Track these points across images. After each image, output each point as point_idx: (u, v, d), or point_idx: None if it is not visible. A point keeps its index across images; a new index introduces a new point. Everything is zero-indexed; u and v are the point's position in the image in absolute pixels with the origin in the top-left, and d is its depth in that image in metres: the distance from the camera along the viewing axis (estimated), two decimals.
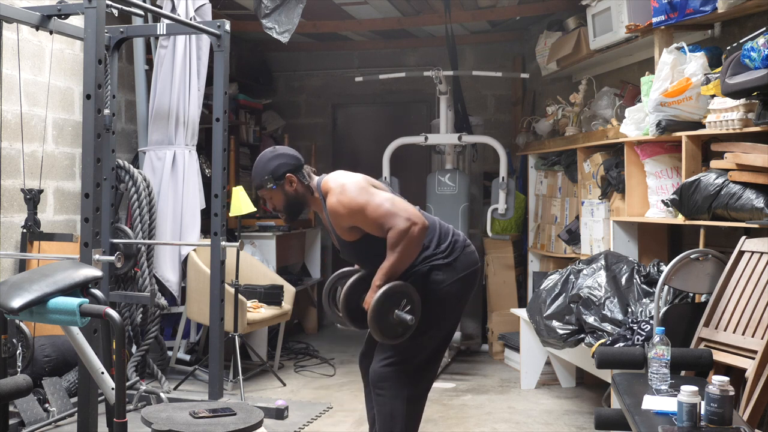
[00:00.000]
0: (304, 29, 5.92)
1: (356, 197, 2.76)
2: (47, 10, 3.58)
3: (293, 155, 2.90)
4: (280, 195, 2.89)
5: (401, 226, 2.70)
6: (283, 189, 2.87)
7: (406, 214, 2.73)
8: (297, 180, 2.87)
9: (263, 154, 2.92)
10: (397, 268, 2.75)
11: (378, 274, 2.76)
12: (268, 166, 2.86)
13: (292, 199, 2.89)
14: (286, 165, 2.86)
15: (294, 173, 2.87)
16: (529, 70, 6.35)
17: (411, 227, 2.71)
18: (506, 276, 5.85)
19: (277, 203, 2.91)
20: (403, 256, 2.74)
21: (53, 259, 3.49)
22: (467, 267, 2.93)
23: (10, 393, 2.52)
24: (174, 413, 2.82)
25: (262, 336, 5.30)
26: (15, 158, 4.21)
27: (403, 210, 2.74)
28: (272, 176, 2.85)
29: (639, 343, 3.21)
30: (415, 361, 2.87)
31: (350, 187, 2.79)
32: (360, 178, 2.85)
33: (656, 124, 3.50)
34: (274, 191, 2.88)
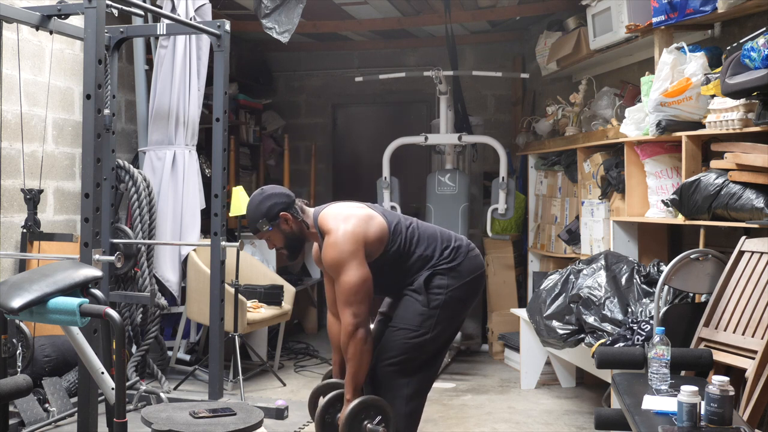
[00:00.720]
0: (304, 29, 5.92)
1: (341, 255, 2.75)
2: (47, 10, 3.58)
3: (283, 193, 2.90)
4: (278, 235, 2.89)
5: (347, 324, 2.73)
6: (280, 228, 2.87)
7: (358, 309, 2.73)
8: (291, 217, 2.87)
9: (253, 198, 2.91)
10: (358, 375, 2.78)
11: (345, 387, 2.80)
12: (260, 208, 2.85)
13: (291, 237, 2.90)
14: (279, 204, 2.85)
15: (287, 210, 2.86)
16: (529, 70, 6.35)
17: (355, 331, 2.73)
18: (506, 276, 5.85)
19: (277, 243, 2.91)
20: (357, 361, 2.76)
21: (53, 259, 3.49)
22: (472, 271, 2.95)
23: (10, 393, 2.52)
24: (174, 413, 2.82)
25: (262, 336, 5.29)
26: (15, 158, 4.21)
27: (359, 304, 2.74)
28: (266, 218, 2.84)
29: (639, 343, 3.21)
30: (416, 362, 2.88)
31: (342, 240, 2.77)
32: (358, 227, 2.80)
33: (656, 124, 3.50)
34: (271, 233, 2.88)
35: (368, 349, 2.78)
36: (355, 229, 2.78)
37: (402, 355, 2.85)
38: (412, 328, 2.86)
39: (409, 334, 2.85)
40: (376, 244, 2.83)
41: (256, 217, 2.86)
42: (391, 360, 2.85)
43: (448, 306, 2.89)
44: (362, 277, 2.74)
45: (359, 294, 2.74)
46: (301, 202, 2.93)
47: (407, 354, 2.85)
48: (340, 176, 7.32)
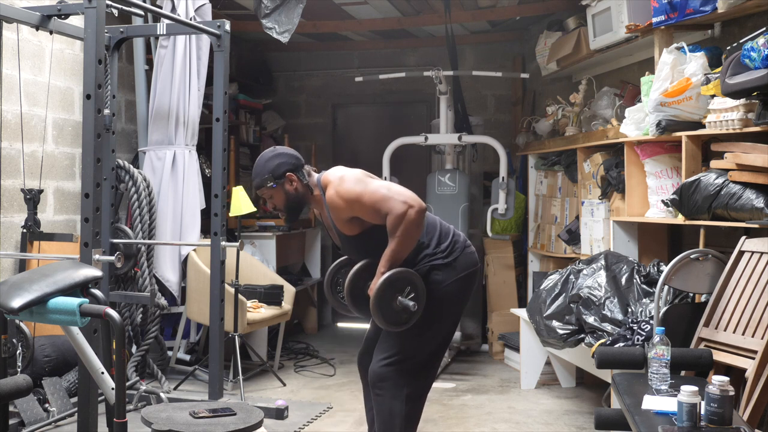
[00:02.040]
0: (304, 29, 5.92)
1: (353, 187, 2.79)
2: (47, 10, 3.58)
3: (293, 154, 2.92)
4: (280, 194, 2.89)
5: (398, 210, 2.72)
6: (284, 188, 2.88)
7: (402, 197, 2.75)
8: (297, 179, 2.88)
9: (263, 154, 2.93)
10: (400, 253, 2.76)
11: (381, 261, 2.77)
12: (268, 165, 2.87)
13: (293, 198, 2.90)
14: (286, 164, 2.87)
15: (294, 172, 2.88)
16: (529, 70, 6.35)
17: (408, 210, 2.72)
18: (506, 276, 5.85)
19: (278, 202, 2.92)
20: (404, 240, 2.75)
21: (53, 259, 3.49)
22: (467, 267, 2.94)
23: (10, 393, 2.52)
24: (174, 413, 2.82)
25: (262, 336, 5.29)
26: (15, 158, 4.21)
27: (399, 194, 2.76)
28: (272, 175, 2.86)
29: (639, 343, 3.21)
30: (414, 361, 2.87)
31: (347, 178, 2.83)
32: (358, 171, 2.88)
33: (656, 124, 3.50)
34: (274, 190, 2.89)
35: (418, 232, 2.77)
36: (357, 172, 2.87)
37: (400, 353, 2.84)
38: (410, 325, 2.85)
39: (407, 332, 2.85)
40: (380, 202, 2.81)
41: (262, 172, 2.88)
42: (390, 359, 2.84)
43: (444, 301, 2.89)
44: (384, 184, 2.80)
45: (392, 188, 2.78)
46: (309, 167, 2.95)
47: (405, 352, 2.85)
48: None
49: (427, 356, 2.92)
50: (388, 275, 2.73)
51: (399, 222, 2.72)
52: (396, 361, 2.84)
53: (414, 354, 2.87)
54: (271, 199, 2.92)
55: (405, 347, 2.85)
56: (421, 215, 2.76)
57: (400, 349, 2.85)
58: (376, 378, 2.86)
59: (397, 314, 2.77)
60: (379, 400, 2.86)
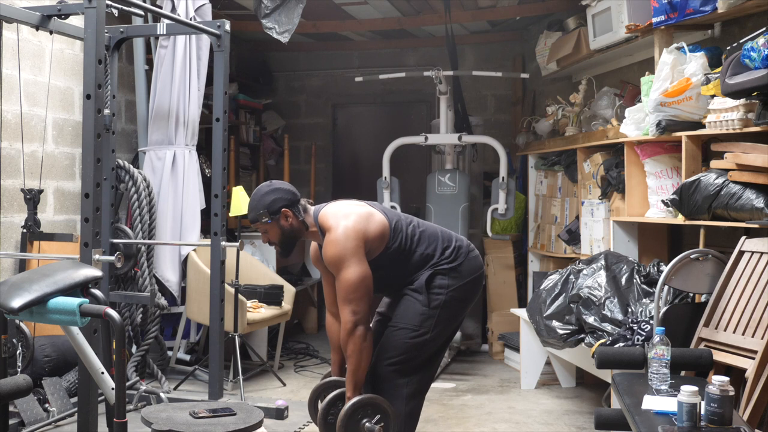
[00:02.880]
0: (304, 29, 5.92)
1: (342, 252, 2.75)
2: (47, 10, 3.58)
3: (289, 190, 2.91)
4: (275, 229, 2.89)
5: (346, 322, 2.74)
6: (278, 223, 2.88)
7: (357, 307, 2.73)
8: (292, 215, 2.88)
9: (259, 188, 2.92)
10: (357, 372, 2.77)
11: (347, 385, 2.79)
12: (264, 200, 2.87)
13: (287, 234, 2.90)
14: (282, 200, 2.87)
15: (290, 208, 2.87)
16: (529, 70, 6.35)
17: (354, 328, 2.73)
18: (506, 276, 5.85)
19: (272, 237, 2.92)
20: (357, 358, 2.75)
21: (53, 259, 3.48)
22: (472, 272, 2.95)
23: (10, 393, 2.52)
24: (174, 413, 2.82)
25: (262, 336, 5.29)
26: (15, 158, 4.21)
27: (358, 301, 2.74)
28: (267, 210, 2.85)
29: (639, 343, 3.21)
30: (415, 361, 2.88)
31: (342, 237, 2.77)
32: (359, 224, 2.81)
33: (656, 124, 3.49)
34: (269, 225, 2.89)
35: (368, 347, 2.77)
36: (355, 225, 2.79)
37: (402, 355, 2.85)
38: (412, 328, 2.86)
39: (409, 334, 2.86)
40: (377, 241, 2.84)
41: (258, 207, 2.87)
42: (391, 360, 2.85)
43: (448, 306, 2.90)
44: (362, 275, 2.75)
45: (359, 291, 2.74)
46: (305, 201, 2.94)
47: (407, 354, 2.86)
48: (340, 176, 7.32)
49: (428, 357, 2.93)
50: (353, 402, 2.74)
51: (346, 339, 2.74)
52: (397, 362, 2.86)
53: (416, 355, 2.88)
54: (265, 233, 2.92)
55: (407, 350, 2.86)
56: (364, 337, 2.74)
57: (402, 351, 2.86)
58: (378, 379, 2.87)
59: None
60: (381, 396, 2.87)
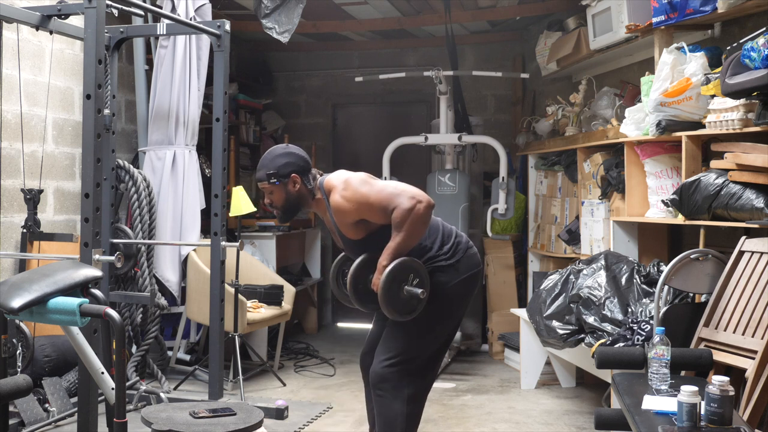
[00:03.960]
0: (304, 29, 5.92)
1: (359, 188, 2.78)
2: (47, 10, 3.58)
3: (303, 157, 2.91)
4: (281, 192, 2.88)
5: (405, 205, 2.71)
6: (285, 187, 2.87)
7: (410, 193, 2.74)
8: (301, 181, 2.87)
9: (274, 149, 2.92)
10: (403, 247, 2.74)
11: (384, 254, 2.75)
12: (276, 161, 2.86)
13: (292, 199, 2.89)
14: (294, 165, 2.86)
15: (300, 174, 2.87)
16: (529, 70, 6.35)
17: (416, 205, 2.71)
18: (506, 276, 5.85)
19: (276, 200, 2.90)
20: (409, 235, 2.73)
21: (53, 259, 3.49)
22: (470, 269, 2.95)
23: (10, 393, 2.52)
24: (174, 413, 2.82)
25: (262, 336, 5.29)
26: (15, 158, 4.21)
27: (407, 191, 2.76)
28: (277, 172, 2.85)
29: (639, 343, 3.21)
30: (416, 362, 2.87)
31: (352, 181, 2.81)
32: (362, 174, 2.87)
33: (656, 124, 3.49)
34: (276, 187, 2.87)
35: (424, 224, 2.75)
36: (361, 175, 2.85)
37: (402, 354, 2.84)
38: (412, 324, 2.85)
39: (409, 332, 2.85)
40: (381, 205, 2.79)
41: (268, 166, 2.86)
42: (393, 360, 2.84)
43: (448, 302, 2.90)
44: (390, 183, 2.79)
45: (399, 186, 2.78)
46: (316, 171, 2.94)
47: (408, 353, 2.85)
48: None
49: (429, 357, 2.93)
50: (391, 267, 2.72)
51: (406, 216, 2.70)
52: (398, 362, 2.84)
53: (416, 355, 2.87)
54: (270, 194, 2.90)
55: (407, 348, 2.85)
56: (429, 210, 2.75)
57: (402, 350, 2.85)
58: (378, 379, 2.86)
59: (406, 303, 2.77)
60: (380, 401, 2.86)
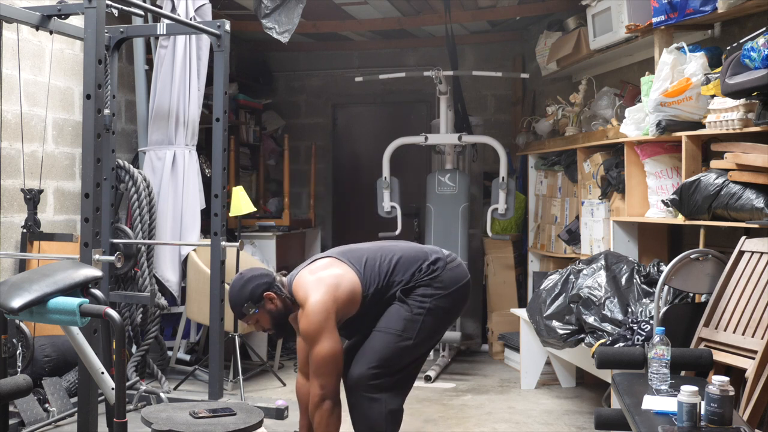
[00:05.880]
0: (304, 29, 5.92)
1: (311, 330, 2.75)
2: (47, 10, 3.58)
3: (263, 273, 2.89)
4: (265, 316, 2.87)
5: (315, 395, 2.77)
6: (266, 309, 2.85)
7: (326, 381, 2.75)
8: (276, 295, 2.85)
9: (233, 284, 2.88)
10: None
11: None
12: (243, 292, 2.83)
13: (277, 316, 2.88)
14: (261, 285, 2.84)
15: (270, 290, 2.85)
16: (529, 70, 6.35)
17: (321, 402, 2.76)
18: (506, 276, 5.85)
19: (265, 324, 2.90)
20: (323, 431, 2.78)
21: (53, 259, 3.48)
22: (456, 282, 2.96)
23: (10, 393, 2.53)
24: (174, 413, 2.82)
25: (262, 336, 5.29)
26: (15, 158, 4.21)
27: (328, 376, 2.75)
28: (251, 301, 2.83)
29: (639, 343, 3.21)
30: (395, 369, 2.88)
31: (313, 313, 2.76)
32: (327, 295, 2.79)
33: (656, 124, 3.49)
34: (258, 315, 2.86)
35: (334, 421, 2.80)
36: (324, 297, 2.77)
37: (383, 360, 2.85)
38: (396, 333, 2.86)
39: (392, 339, 2.86)
40: (349, 303, 2.84)
41: (240, 301, 2.83)
42: (373, 365, 2.84)
43: (432, 314, 2.90)
44: (332, 350, 2.74)
45: (329, 366, 2.75)
46: (280, 276, 2.92)
47: (389, 360, 2.85)
48: (340, 176, 7.32)
49: (410, 364, 2.94)
50: None
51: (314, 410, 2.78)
52: (378, 366, 2.84)
53: (398, 363, 2.88)
54: (257, 323, 2.90)
55: (388, 357, 2.85)
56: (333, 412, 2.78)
57: (385, 358, 2.85)
58: (355, 384, 2.86)
59: None
60: (360, 403, 2.85)
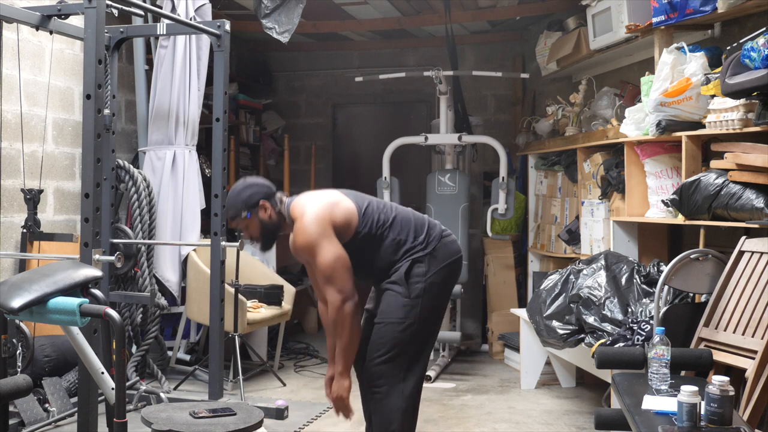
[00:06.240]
0: (304, 29, 5.92)
1: (311, 237, 2.76)
2: (47, 10, 3.58)
3: (265, 183, 2.92)
4: (255, 223, 2.89)
5: (335, 303, 2.75)
6: (258, 216, 2.87)
7: (340, 285, 2.75)
8: (270, 206, 2.88)
9: (234, 186, 2.92)
10: (348, 349, 2.80)
11: (337, 361, 2.82)
12: (242, 195, 2.87)
13: (267, 227, 2.90)
14: (259, 193, 2.87)
15: (267, 200, 2.87)
16: (529, 70, 6.35)
17: (342, 305, 2.75)
18: (506, 276, 5.85)
19: (253, 232, 2.91)
20: (348, 335, 2.77)
21: (53, 259, 3.48)
22: (448, 256, 2.95)
23: (10, 393, 2.52)
24: (174, 413, 2.82)
25: (262, 336, 5.29)
26: (15, 158, 4.21)
27: (339, 279, 2.75)
28: (245, 205, 2.85)
29: (639, 343, 3.21)
30: (407, 355, 2.88)
31: (309, 224, 2.78)
32: (323, 210, 2.82)
33: (656, 124, 3.50)
34: (249, 220, 2.88)
35: (357, 323, 2.79)
36: (319, 211, 2.80)
37: (393, 350, 2.84)
38: (398, 321, 2.86)
39: (396, 328, 2.85)
40: (344, 226, 2.83)
41: (236, 203, 2.87)
42: (384, 357, 2.84)
43: (428, 292, 2.89)
44: (335, 254, 2.76)
45: (337, 270, 2.76)
46: (281, 194, 2.95)
47: (398, 347, 2.85)
48: (340, 176, 7.32)
49: (419, 347, 2.93)
50: None
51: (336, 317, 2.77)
52: (390, 357, 2.85)
53: (405, 348, 2.88)
54: (246, 229, 2.91)
55: (396, 343, 2.85)
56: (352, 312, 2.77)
57: (393, 345, 2.85)
58: (373, 377, 2.86)
59: None
60: (377, 398, 2.86)
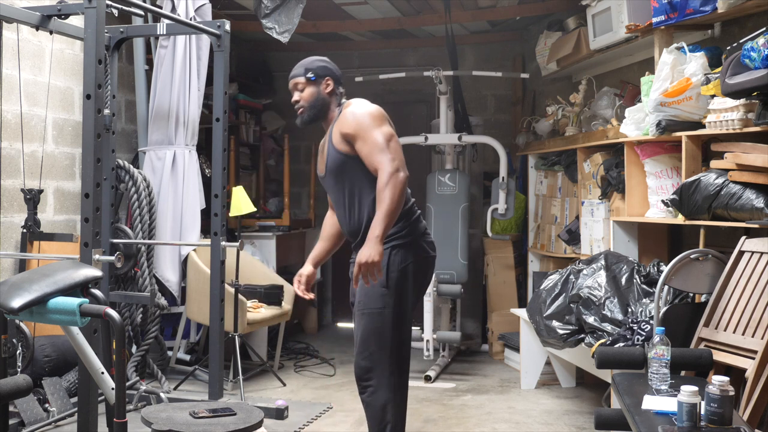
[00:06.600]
0: (304, 29, 5.92)
1: (371, 114, 2.90)
2: (47, 10, 3.59)
3: (339, 70, 3.13)
4: (313, 90, 3.07)
5: (389, 169, 2.75)
6: (318, 87, 3.07)
7: (398, 159, 2.80)
8: (333, 86, 3.08)
9: (313, 56, 3.16)
10: (392, 215, 2.73)
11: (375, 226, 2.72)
12: (316, 63, 3.10)
13: (320, 100, 3.07)
14: (331, 71, 3.09)
15: (334, 81, 3.08)
16: (529, 70, 6.35)
17: (397, 173, 2.76)
18: (506, 276, 5.85)
19: (306, 97, 3.07)
20: (396, 202, 2.73)
21: (53, 259, 3.48)
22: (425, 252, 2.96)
23: (10, 393, 2.52)
24: (174, 413, 2.82)
25: (262, 336, 5.30)
26: (15, 158, 4.21)
27: (398, 154, 2.82)
28: (315, 70, 3.06)
29: (639, 343, 3.21)
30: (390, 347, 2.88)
31: (371, 106, 2.94)
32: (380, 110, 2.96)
33: (656, 124, 3.50)
34: (310, 83, 3.07)
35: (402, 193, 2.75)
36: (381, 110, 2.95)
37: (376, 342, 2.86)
38: (378, 311, 2.87)
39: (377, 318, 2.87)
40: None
41: (308, 63, 3.10)
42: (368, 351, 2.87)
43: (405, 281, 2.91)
44: (392, 132, 2.88)
45: (393, 143, 2.83)
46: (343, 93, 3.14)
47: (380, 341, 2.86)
48: None
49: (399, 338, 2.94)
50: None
51: (389, 180, 2.74)
52: (375, 350, 2.86)
53: (388, 340, 2.88)
54: (301, 92, 3.08)
55: (379, 335, 2.87)
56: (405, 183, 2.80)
57: (375, 339, 2.87)
58: (361, 372, 2.88)
59: None
60: (368, 392, 2.87)
